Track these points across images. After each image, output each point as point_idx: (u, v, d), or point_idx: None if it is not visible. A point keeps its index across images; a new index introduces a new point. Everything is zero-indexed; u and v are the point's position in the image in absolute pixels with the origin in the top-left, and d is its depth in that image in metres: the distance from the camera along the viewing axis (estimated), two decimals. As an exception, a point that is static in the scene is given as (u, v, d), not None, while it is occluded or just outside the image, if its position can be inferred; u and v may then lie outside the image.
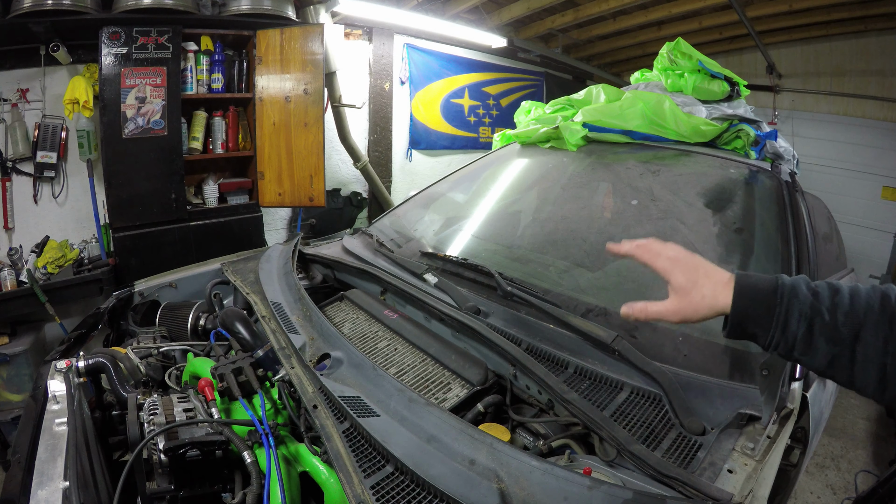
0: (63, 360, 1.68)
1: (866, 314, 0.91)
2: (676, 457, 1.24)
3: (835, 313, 0.93)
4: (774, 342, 0.96)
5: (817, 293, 0.95)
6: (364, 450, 1.27)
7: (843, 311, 0.92)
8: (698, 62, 2.74)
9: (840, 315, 0.92)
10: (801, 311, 0.94)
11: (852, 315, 0.92)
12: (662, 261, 1.08)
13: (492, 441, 1.22)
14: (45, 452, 1.27)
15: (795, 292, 0.96)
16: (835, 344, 0.92)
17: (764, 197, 2.21)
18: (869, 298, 0.93)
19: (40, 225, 4.19)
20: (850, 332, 0.91)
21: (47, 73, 4.04)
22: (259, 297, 2.10)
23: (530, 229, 2.57)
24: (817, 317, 0.93)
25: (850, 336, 0.91)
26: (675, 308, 1.05)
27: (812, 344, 0.94)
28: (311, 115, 4.56)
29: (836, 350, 0.92)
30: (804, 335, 0.94)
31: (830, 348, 0.92)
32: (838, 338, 0.92)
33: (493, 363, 1.67)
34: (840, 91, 6.22)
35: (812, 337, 0.93)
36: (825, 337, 0.92)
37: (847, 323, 0.91)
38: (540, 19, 6.52)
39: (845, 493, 3.57)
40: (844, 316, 0.92)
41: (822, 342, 0.93)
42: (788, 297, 0.96)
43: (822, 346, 0.93)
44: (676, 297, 1.05)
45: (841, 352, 0.92)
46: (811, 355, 0.94)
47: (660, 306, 1.07)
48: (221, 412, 1.52)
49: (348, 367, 1.57)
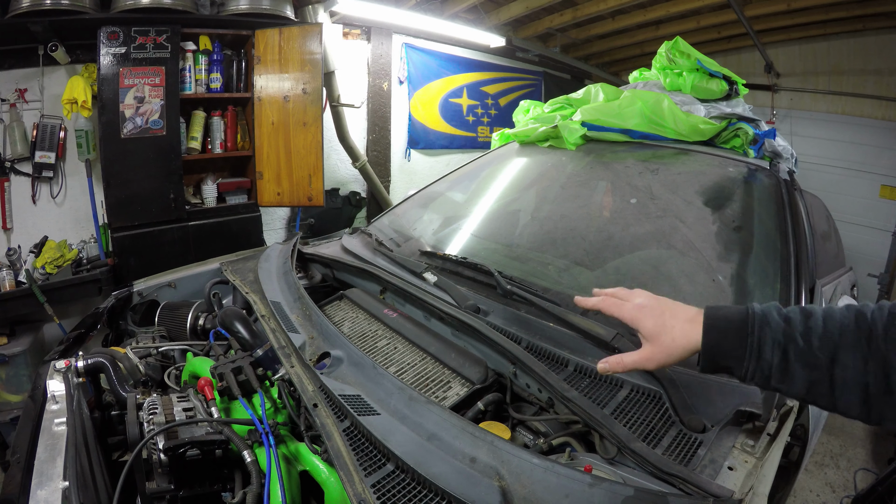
0: (62, 360, 1.68)
1: (841, 335, 0.89)
2: (677, 454, 1.24)
3: (809, 338, 0.91)
4: (750, 373, 0.95)
5: (789, 319, 0.94)
6: (364, 448, 1.27)
7: (818, 334, 0.91)
8: (697, 61, 2.74)
9: (815, 339, 0.91)
10: (774, 339, 0.93)
11: (827, 338, 0.90)
12: (629, 310, 1.10)
13: (493, 439, 1.22)
14: (44, 452, 1.27)
15: (766, 320, 0.95)
16: (812, 369, 0.90)
17: (763, 195, 2.21)
18: (843, 319, 0.91)
19: (39, 225, 4.18)
20: (826, 355, 0.89)
21: (46, 73, 4.04)
22: (258, 296, 2.10)
23: (529, 228, 2.57)
24: (791, 343, 0.92)
25: (827, 359, 0.89)
26: (647, 355, 1.06)
27: (788, 371, 0.92)
28: (309, 114, 4.56)
29: (814, 375, 0.90)
30: (780, 363, 0.93)
31: (808, 374, 0.91)
32: (815, 362, 0.90)
33: (493, 361, 1.67)
34: (838, 90, 6.23)
35: (788, 364, 0.92)
36: (801, 362, 0.91)
37: (822, 347, 0.90)
38: (538, 18, 6.52)
39: (845, 491, 3.57)
40: (819, 339, 0.90)
41: (798, 368, 0.91)
42: (759, 325, 0.95)
43: (799, 372, 0.91)
44: (649, 345, 1.06)
45: (819, 377, 0.90)
46: (789, 382, 0.93)
47: (634, 356, 1.08)
48: (221, 411, 1.51)
49: (348, 366, 1.56)
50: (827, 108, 6.41)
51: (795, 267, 1.81)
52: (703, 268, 1.93)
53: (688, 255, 2.00)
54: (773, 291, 1.77)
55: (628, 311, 1.10)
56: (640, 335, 1.08)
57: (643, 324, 1.07)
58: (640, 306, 1.10)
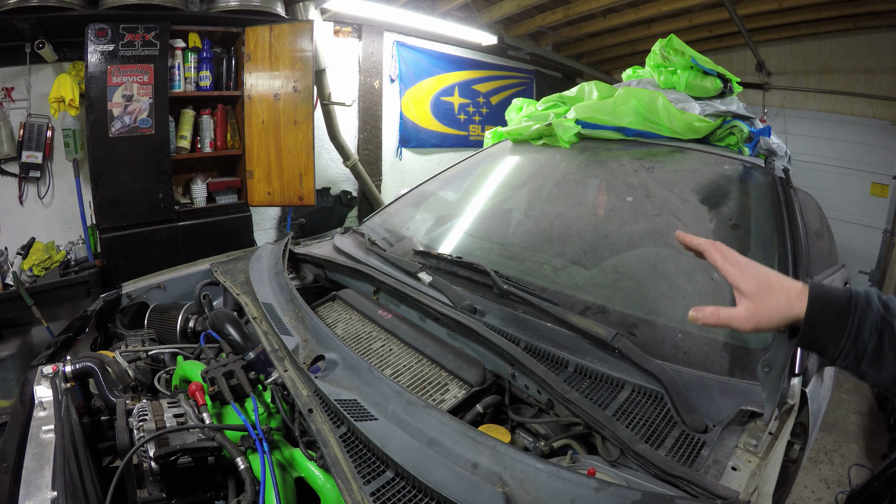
0: (49, 366, 1.65)
1: None
2: (680, 455, 1.22)
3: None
4: (845, 352, 0.93)
5: (888, 306, 0.93)
6: (362, 455, 1.24)
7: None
8: (691, 59, 2.73)
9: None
10: (873, 322, 0.92)
11: None
12: (732, 265, 1.04)
13: (494, 443, 1.19)
14: (32, 461, 1.24)
15: (869, 302, 0.93)
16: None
17: (758, 193, 2.21)
18: None
19: (26, 226, 4.12)
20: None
21: (32, 72, 3.98)
22: (250, 297, 2.06)
23: (524, 227, 2.55)
24: (888, 328, 0.91)
25: None
26: (748, 314, 1.00)
27: (881, 356, 0.91)
28: (300, 113, 4.52)
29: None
30: (875, 347, 0.91)
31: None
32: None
33: (491, 363, 1.65)
34: (829, 89, 6.25)
35: (882, 349, 0.91)
36: (895, 350, 0.90)
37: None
38: (530, 17, 6.51)
39: (839, 487, 3.58)
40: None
41: (890, 355, 0.90)
42: (863, 306, 0.93)
43: (891, 360, 0.90)
44: (750, 303, 1.00)
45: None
46: (878, 368, 0.92)
47: (732, 311, 1.02)
48: (213, 417, 1.48)
49: (343, 369, 1.53)
50: (818, 106, 6.44)
51: (793, 264, 1.80)
52: (701, 266, 1.92)
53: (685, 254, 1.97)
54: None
55: (734, 266, 1.04)
56: (740, 292, 1.02)
57: (747, 282, 1.01)
58: (745, 264, 1.04)
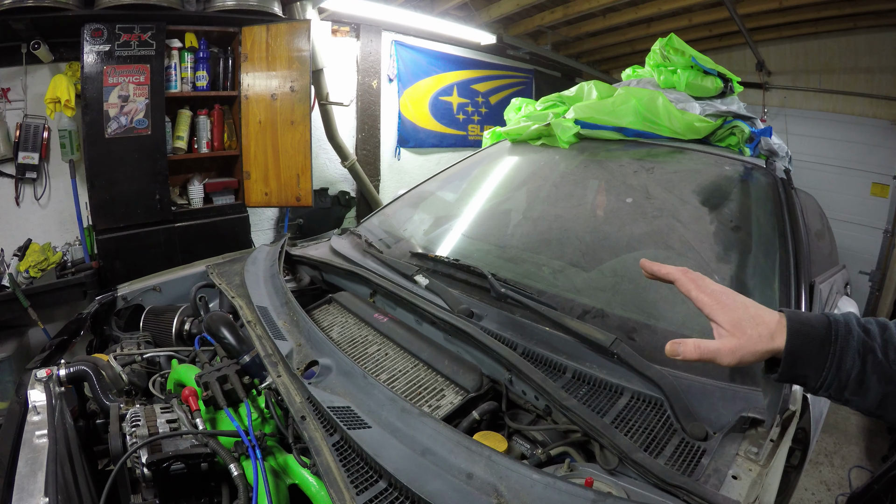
0: (43, 369, 1.62)
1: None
2: (680, 464, 1.20)
3: (886, 350, 0.89)
4: (827, 382, 0.91)
5: (868, 330, 0.92)
6: (355, 464, 1.21)
7: (893, 347, 0.89)
8: (691, 58, 2.71)
9: (891, 351, 0.89)
10: (855, 349, 0.90)
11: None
12: (710, 293, 0.99)
13: (490, 453, 1.16)
14: (25, 467, 1.23)
15: (850, 329, 0.91)
16: (888, 382, 0.88)
17: (760, 194, 2.19)
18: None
19: (22, 227, 4.10)
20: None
21: (29, 72, 3.95)
22: (244, 300, 2.04)
23: (522, 228, 2.53)
24: (870, 354, 0.89)
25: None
26: (731, 348, 0.95)
27: (864, 383, 0.89)
28: (297, 113, 4.50)
29: (889, 388, 0.88)
30: (858, 374, 0.89)
31: (883, 387, 0.88)
32: (890, 375, 0.88)
33: (488, 368, 1.62)
34: (829, 88, 6.23)
35: (865, 375, 0.89)
36: (878, 375, 0.89)
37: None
38: (529, 16, 6.48)
39: (839, 489, 3.57)
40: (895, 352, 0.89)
41: (874, 381, 0.89)
42: (844, 334, 0.91)
43: (874, 385, 0.89)
44: (732, 337, 0.96)
45: (893, 390, 0.88)
46: (863, 395, 0.90)
47: (716, 344, 0.97)
48: (206, 422, 1.46)
49: (337, 375, 1.51)
50: (818, 106, 6.41)
51: (795, 266, 1.78)
52: (702, 268, 1.89)
53: (686, 256, 1.96)
54: (773, 291, 1.75)
55: (708, 296, 0.99)
56: (718, 325, 0.97)
57: (725, 313, 0.97)
58: (720, 293, 0.99)
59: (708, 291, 0.99)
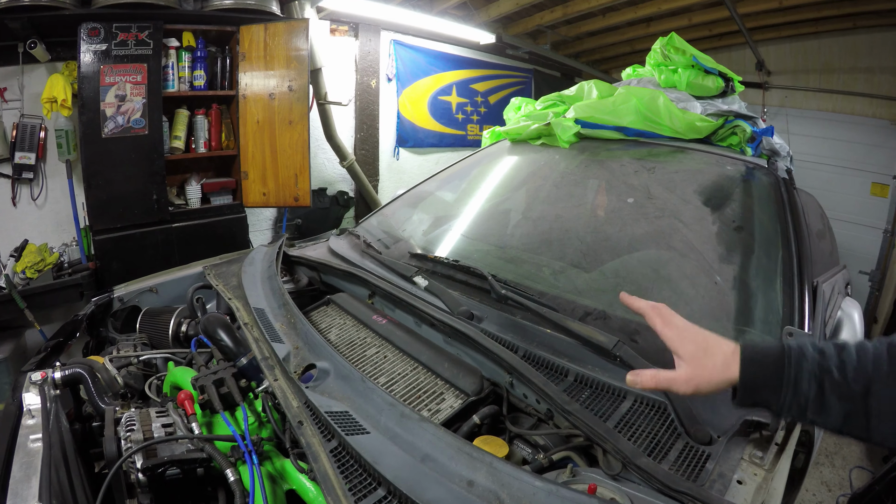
0: (38, 372, 1.60)
1: (875, 366, 0.91)
2: (684, 469, 1.18)
3: (843, 369, 0.93)
4: (787, 406, 0.96)
5: (823, 352, 0.96)
6: (354, 471, 1.19)
7: (852, 366, 0.93)
8: (692, 57, 2.69)
9: (849, 371, 0.92)
10: (810, 371, 0.94)
11: (861, 369, 0.92)
12: (673, 328, 1.08)
13: (491, 460, 1.14)
14: (19, 471, 1.21)
15: (803, 353, 0.96)
16: (847, 400, 0.92)
17: (762, 194, 2.17)
18: (876, 350, 0.93)
19: (19, 228, 4.08)
20: (861, 386, 0.91)
21: (25, 72, 3.93)
22: (241, 302, 2.02)
23: (522, 229, 2.50)
24: (826, 375, 0.93)
25: (862, 391, 0.91)
26: (686, 377, 1.03)
27: (824, 403, 0.93)
28: (295, 112, 4.47)
29: (850, 406, 0.92)
30: (816, 395, 0.94)
31: (843, 405, 0.92)
32: (850, 394, 0.91)
33: (489, 370, 1.60)
34: (829, 88, 6.22)
35: (824, 396, 0.93)
36: (837, 394, 0.92)
37: (857, 378, 0.92)
38: (528, 15, 6.46)
39: (840, 490, 3.57)
40: (854, 371, 0.92)
41: (833, 400, 0.93)
42: (796, 358, 0.96)
43: (835, 404, 0.93)
44: (688, 367, 1.04)
45: (854, 408, 0.91)
46: (825, 415, 0.94)
47: (671, 374, 1.05)
48: (202, 427, 1.44)
49: (335, 379, 1.48)
50: (818, 105, 6.40)
51: (798, 267, 1.76)
52: (704, 269, 1.88)
53: (688, 257, 1.94)
54: (776, 293, 1.72)
55: (672, 330, 1.08)
56: (678, 357, 1.06)
57: (685, 346, 1.05)
58: (683, 328, 1.08)
59: (672, 326, 1.08)
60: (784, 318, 1.61)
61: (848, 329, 1.88)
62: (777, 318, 1.63)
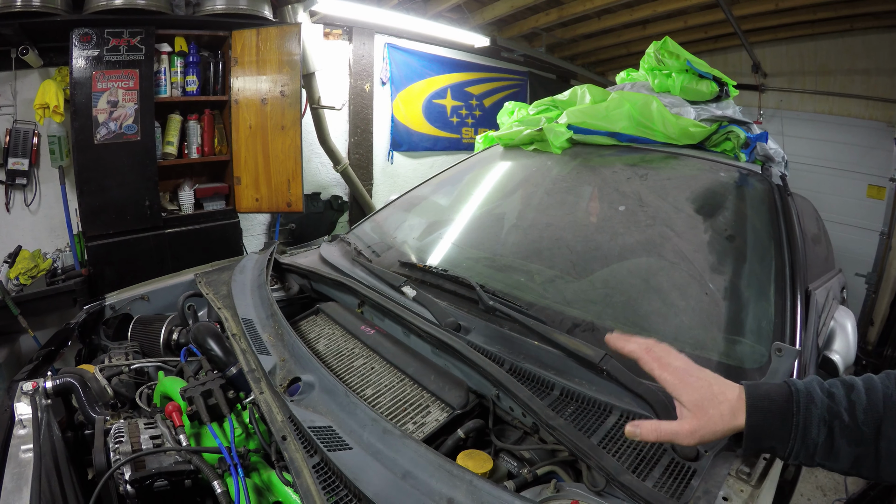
0: (29, 382, 1.60)
1: (886, 407, 0.88)
2: (669, 486, 1.16)
3: (854, 412, 0.89)
4: (795, 452, 0.92)
5: (833, 394, 0.92)
6: (335, 487, 1.18)
7: (862, 407, 0.89)
8: (686, 62, 2.67)
9: (859, 413, 0.89)
10: (820, 417, 0.91)
11: (871, 410, 0.89)
12: (672, 372, 1.02)
13: (471, 478, 1.13)
14: (10, 482, 1.20)
15: (811, 397, 0.92)
16: (857, 444, 0.88)
17: (755, 201, 2.15)
18: (885, 389, 0.90)
19: (13, 234, 4.08)
20: (871, 429, 0.88)
21: (18, 77, 3.93)
22: (230, 312, 2.00)
23: (513, 237, 2.49)
24: (836, 419, 0.90)
25: (873, 433, 0.88)
26: (691, 429, 0.98)
27: (833, 447, 0.90)
28: (287, 117, 4.46)
29: (860, 450, 0.88)
30: (825, 441, 0.90)
31: (853, 449, 0.89)
32: (860, 437, 0.88)
33: (475, 382, 1.59)
34: (825, 90, 6.23)
35: (833, 441, 0.90)
36: (847, 439, 0.89)
37: (867, 420, 0.88)
38: (523, 18, 6.47)
39: (835, 495, 3.55)
40: (864, 413, 0.89)
41: (843, 444, 0.89)
42: (805, 404, 0.92)
43: (845, 449, 0.89)
44: (692, 417, 0.98)
45: (865, 451, 0.88)
46: (833, 459, 0.90)
47: (675, 426, 1.00)
48: (191, 438, 1.45)
49: (320, 393, 1.47)
50: (814, 108, 6.41)
51: (791, 276, 1.75)
52: (695, 279, 1.87)
53: (678, 266, 1.93)
54: (768, 303, 1.71)
55: (672, 374, 1.02)
56: (680, 404, 1.01)
57: (687, 393, 0.99)
58: (684, 371, 1.02)
59: (671, 370, 1.02)
60: (776, 328, 1.60)
61: (841, 340, 1.85)
62: (769, 328, 1.61)
